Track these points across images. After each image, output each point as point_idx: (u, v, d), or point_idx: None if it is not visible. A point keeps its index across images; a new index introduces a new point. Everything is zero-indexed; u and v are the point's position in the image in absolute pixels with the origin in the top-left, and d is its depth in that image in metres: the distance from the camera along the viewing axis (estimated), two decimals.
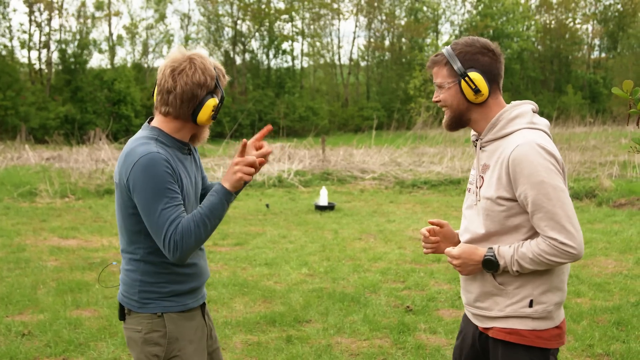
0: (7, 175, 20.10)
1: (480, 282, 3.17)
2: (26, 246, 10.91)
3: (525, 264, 2.95)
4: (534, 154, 2.91)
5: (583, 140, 28.77)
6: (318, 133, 37.24)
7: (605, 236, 11.47)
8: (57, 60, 48.06)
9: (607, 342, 6.40)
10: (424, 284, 8.51)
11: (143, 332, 3.24)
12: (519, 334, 3.07)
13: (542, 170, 2.89)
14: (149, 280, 3.23)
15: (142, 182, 3.05)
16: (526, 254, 2.93)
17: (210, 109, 3.19)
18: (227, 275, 9.01)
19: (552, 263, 2.93)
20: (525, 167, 2.90)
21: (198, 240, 3.08)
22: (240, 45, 56.09)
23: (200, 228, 3.06)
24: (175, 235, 3.02)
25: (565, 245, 2.87)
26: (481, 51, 3.11)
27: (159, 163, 3.05)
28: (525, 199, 2.93)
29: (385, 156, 24.20)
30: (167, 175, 3.06)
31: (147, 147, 3.09)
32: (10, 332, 6.72)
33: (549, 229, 2.89)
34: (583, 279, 8.72)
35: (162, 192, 3.04)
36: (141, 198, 3.06)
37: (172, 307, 3.26)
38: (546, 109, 55.36)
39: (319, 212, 14.66)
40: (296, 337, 6.57)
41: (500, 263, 3.00)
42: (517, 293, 3.07)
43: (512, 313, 3.07)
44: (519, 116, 3.08)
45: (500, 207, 3.02)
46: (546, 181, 2.89)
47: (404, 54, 59.65)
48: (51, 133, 35.03)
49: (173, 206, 3.06)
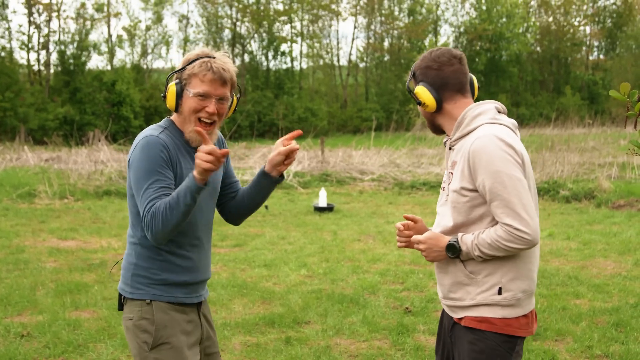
0: (6, 176, 20.10)
1: (452, 273, 3.27)
2: (25, 247, 10.91)
3: (485, 249, 3.07)
4: (491, 145, 3.05)
5: (582, 142, 28.77)
6: (317, 134, 37.21)
7: (604, 237, 11.47)
8: (56, 61, 48.05)
9: (606, 343, 6.41)
10: (423, 285, 8.51)
11: (134, 319, 3.30)
12: (488, 321, 3.17)
13: (498, 160, 3.02)
14: (143, 264, 3.30)
15: (136, 161, 3.18)
16: (485, 239, 3.06)
17: (172, 94, 3.27)
18: (226, 277, 9.01)
19: (508, 249, 3.04)
20: (483, 158, 3.04)
21: (165, 222, 3.08)
22: (239, 47, 56.08)
23: (167, 211, 3.07)
24: (147, 215, 3.10)
25: (519, 231, 2.99)
26: (428, 65, 3.32)
27: (155, 145, 3.17)
28: (483, 188, 3.06)
29: (384, 157, 24.20)
30: (160, 159, 3.16)
31: (150, 131, 3.26)
32: (9, 334, 6.72)
33: (504, 215, 3.01)
34: (582, 280, 8.73)
35: (152, 172, 3.14)
36: (133, 175, 3.19)
37: (161, 296, 3.31)
38: (545, 110, 55.46)
39: (318, 213, 14.66)
40: (295, 339, 6.57)
41: (463, 248, 3.11)
42: (486, 281, 3.16)
43: (482, 301, 3.17)
44: (482, 113, 3.23)
45: (464, 198, 3.15)
46: (502, 170, 3.01)
47: (402, 55, 59.66)
48: (50, 134, 35.01)
49: (157, 187, 3.13)
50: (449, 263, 3.26)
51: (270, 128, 49.80)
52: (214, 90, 3.25)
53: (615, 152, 26.03)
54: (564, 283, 8.60)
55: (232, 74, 3.31)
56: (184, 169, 3.27)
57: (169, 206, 3.07)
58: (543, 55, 65.07)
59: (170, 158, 3.20)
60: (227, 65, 3.29)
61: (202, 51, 3.32)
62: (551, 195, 16.60)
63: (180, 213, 3.09)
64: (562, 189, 16.68)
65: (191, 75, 3.24)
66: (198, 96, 3.23)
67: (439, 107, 3.28)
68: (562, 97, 59.85)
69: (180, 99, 3.27)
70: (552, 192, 16.70)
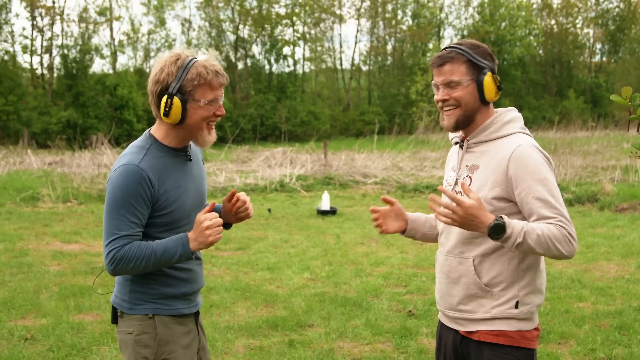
0: (10, 180, 20.12)
1: (464, 285, 3.18)
2: (29, 251, 10.93)
3: (530, 240, 2.87)
4: (535, 153, 3.01)
5: (585, 145, 28.76)
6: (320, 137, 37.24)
7: (607, 240, 11.47)
8: (59, 65, 48.10)
9: (609, 346, 6.41)
10: (426, 289, 8.52)
11: (134, 334, 3.24)
12: (506, 335, 3.10)
13: (544, 169, 2.99)
14: (139, 280, 3.24)
15: (111, 187, 3.11)
16: (535, 229, 2.88)
17: (178, 108, 3.13)
18: (229, 280, 9.02)
19: (553, 248, 2.89)
20: (529, 165, 2.97)
21: (134, 270, 3.11)
22: (242, 50, 56.12)
23: (142, 262, 3.08)
24: (117, 253, 3.06)
25: (572, 237, 2.92)
26: (489, 53, 3.17)
27: (134, 177, 3.08)
28: (526, 196, 2.97)
29: (387, 161, 24.20)
30: (137, 193, 3.08)
31: (130, 157, 3.13)
32: (13, 337, 6.74)
33: (557, 220, 2.93)
34: (585, 283, 8.72)
35: (126, 204, 3.08)
36: (106, 200, 3.14)
37: (163, 310, 3.26)
38: (548, 113, 55.30)
39: (321, 216, 14.67)
40: (298, 342, 6.57)
41: (507, 231, 2.86)
42: (502, 294, 3.10)
43: (498, 314, 3.11)
44: (513, 120, 3.16)
45: (492, 207, 3.04)
46: (549, 179, 2.99)
47: (405, 59, 59.67)
48: (53, 138, 35.04)
49: (129, 222, 3.08)
50: (461, 274, 3.17)
51: (273, 131, 49.83)
52: (219, 93, 3.21)
53: (618, 155, 26.00)
54: (567, 286, 8.59)
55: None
56: (174, 180, 3.22)
57: (146, 259, 3.07)
58: (546, 59, 65.01)
59: (151, 186, 3.11)
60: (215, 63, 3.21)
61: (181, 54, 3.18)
62: None
63: (153, 267, 3.12)
64: (565, 192, 16.67)
65: (197, 85, 3.12)
66: (210, 103, 3.17)
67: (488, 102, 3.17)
68: (565, 100, 59.77)
69: (186, 110, 3.15)
70: None
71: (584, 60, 67.42)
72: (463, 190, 2.98)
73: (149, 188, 3.11)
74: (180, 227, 3.26)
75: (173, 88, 3.11)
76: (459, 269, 3.19)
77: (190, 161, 3.34)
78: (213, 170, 21.59)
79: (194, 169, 3.37)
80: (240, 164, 25.11)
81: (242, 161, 26.15)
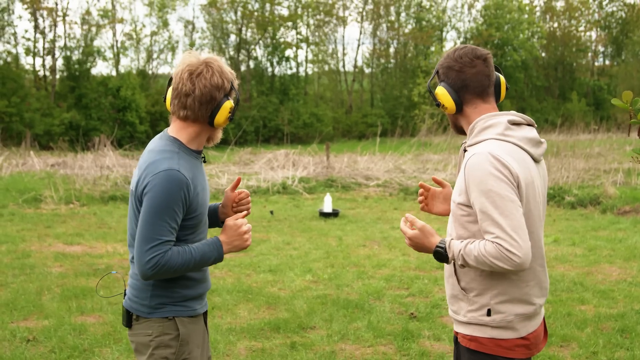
0: (12, 181, 20.14)
1: (450, 285, 3.24)
2: (31, 252, 10.94)
3: (470, 261, 2.97)
4: (485, 163, 2.96)
5: (587, 148, 28.74)
6: (322, 140, 37.19)
7: (609, 243, 11.46)
8: (62, 67, 48.14)
9: (611, 349, 6.40)
10: (428, 291, 8.52)
11: (154, 335, 3.26)
12: (478, 341, 3.11)
13: (491, 179, 2.94)
14: (163, 285, 3.27)
15: (156, 192, 3.10)
16: (472, 251, 2.96)
17: (227, 111, 3.25)
18: (231, 282, 9.02)
19: (494, 266, 2.92)
20: (476, 176, 2.97)
21: (171, 274, 3.16)
22: (245, 52, 56.14)
23: (183, 267, 3.15)
24: (161, 258, 3.09)
25: (509, 252, 2.88)
26: (450, 64, 3.21)
27: (178, 184, 3.13)
28: (474, 206, 3.00)
29: (389, 163, 24.21)
30: (179, 199, 3.13)
31: (170, 163, 3.16)
32: (15, 338, 6.75)
33: (494, 236, 2.91)
34: (587, 286, 8.72)
35: (169, 210, 3.11)
36: (148, 205, 3.11)
37: (183, 312, 3.31)
38: (550, 115, 55.28)
39: (323, 218, 14.67)
40: (300, 344, 6.58)
41: (449, 255, 3.06)
42: (475, 301, 3.12)
43: (472, 320, 3.13)
44: (491, 126, 3.13)
45: (462, 212, 3.10)
46: (493, 190, 2.93)
47: (408, 61, 59.64)
48: (56, 139, 35.05)
49: (170, 228, 3.12)
50: (449, 274, 3.23)
51: (275, 133, 49.82)
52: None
53: (620, 158, 25.98)
54: (569, 289, 8.59)
55: None
56: (200, 183, 3.29)
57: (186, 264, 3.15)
58: (548, 61, 64.96)
59: (188, 192, 3.17)
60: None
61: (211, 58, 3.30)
62: (556, 201, 16.59)
63: (190, 271, 3.22)
64: (567, 195, 16.67)
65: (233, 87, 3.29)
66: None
67: (459, 109, 3.22)
68: (567, 103, 59.73)
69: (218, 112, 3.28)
70: (557, 198, 16.69)
71: (587, 63, 67.36)
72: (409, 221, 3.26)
73: (188, 193, 3.17)
74: (201, 228, 3.35)
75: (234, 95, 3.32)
76: (447, 268, 3.27)
77: (204, 162, 3.45)
78: (215, 172, 21.60)
79: (204, 169, 3.46)
80: (242, 166, 25.12)
81: (244, 163, 26.16)
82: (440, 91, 3.20)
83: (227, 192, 3.56)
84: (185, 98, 3.21)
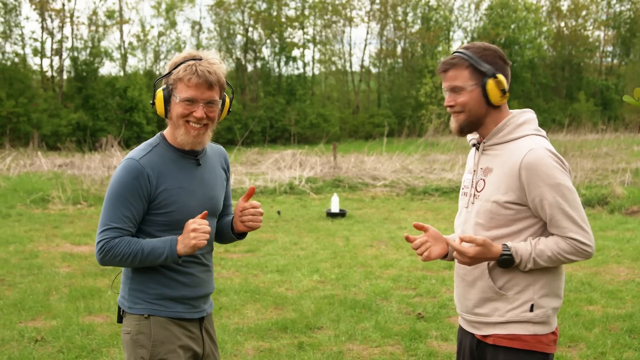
0: (20, 182, 20.18)
1: (479, 288, 3.17)
2: (39, 252, 10.96)
3: (542, 262, 3.00)
4: (548, 158, 2.97)
5: (595, 148, 28.68)
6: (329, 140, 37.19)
7: (617, 243, 11.43)
8: (69, 67, 48.25)
9: (619, 349, 6.38)
10: (436, 291, 8.51)
11: (132, 333, 3.25)
12: (520, 339, 3.09)
13: (557, 173, 2.96)
14: (139, 279, 3.26)
15: (112, 179, 3.17)
16: (544, 251, 2.98)
17: (160, 101, 3.19)
18: (238, 282, 9.03)
19: (569, 261, 3.01)
20: (540, 171, 2.95)
21: (121, 263, 3.16)
22: (252, 53, 56.19)
23: (129, 257, 3.13)
24: (106, 244, 3.11)
25: (584, 245, 2.97)
26: (499, 55, 3.14)
27: (132, 172, 3.13)
28: (540, 202, 2.97)
29: (396, 163, 24.19)
30: (133, 188, 3.12)
31: (134, 153, 3.19)
32: (24, 338, 6.76)
33: (568, 230, 2.96)
34: (595, 286, 8.70)
35: (121, 198, 3.12)
36: (106, 193, 3.18)
37: (160, 311, 3.26)
38: (558, 115, 55.23)
39: (330, 219, 14.67)
40: (308, 344, 6.57)
41: (516, 261, 3.01)
42: (517, 298, 3.09)
43: (513, 318, 3.09)
44: (527, 122, 3.13)
45: (508, 211, 3.05)
46: (562, 183, 2.96)
47: (415, 61, 59.61)
48: (63, 140, 35.12)
49: (122, 216, 3.13)
50: (476, 278, 3.17)
51: (282, 134, 49.87)
52: (201, 95, 3.13)
53: (628, 158, 25.93)
54: (577, 289, 8.57)
55: (218, 76, 3.16)
56: (176, 181, 3.23)
57: (133, 255, 3.12)
58: (555, 61, 64.83)
59: (149, 183, 3.13)
60: (213, 67, 3.14)
61: (189, 53, 3.18)
62: None
63: (140, 263, 3.17)
64: None
65: (177, 80, 3.13)
66: (185, 101, 3.13)
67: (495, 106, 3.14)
68: (575, 102, 59.64)
69: (169, 104, 3.18)
70: None
71: (595, 63, 67.21)
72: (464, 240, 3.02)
73: (145, 184, 3.14)
74: (178, 229, 3.25)
75: (161, 81, 3.21)
76: (474, 273, 3.18)
77: (199, 166, 3.32)
78: None
79: (206, 174, 3.36)
80: (249, 166, 25.14)
81: (251, 163, 26.18)
82: (502, 78, 3.07)
83: (239, 202, 3.46)
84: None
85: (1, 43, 46.44)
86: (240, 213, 3.42)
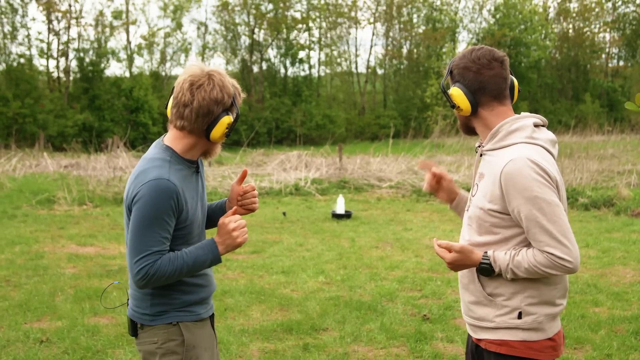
0: (26, 182, 20.23)
1: (472, 292, 3.19)
2: (44, 253, 10.97)
3: (520, 273, 2.98)
4: (526, 169, 2.92)
5: (601, 149, 28.64)
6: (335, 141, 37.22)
7: (623, 245, 11.40)
8: (75, 68, 48.31)
9: (625, 351, 6.37)
10: (441, 293, 8.50)
11: (160, 342, 3.25)
12: (508, 345, 3.08)
13: (535, 186, 2.91)
14: (160, 292, 3.25)
15: (144, 202, 3.05)
16: (522, 263, 2.96)
17: (224, 127, 3.19)
18: (244, 283, 9.03)
19: (547, 275, 2.97)
20: (518, 182, 2.92)
21: (167, 281, 3.13)
22: (257, 54, 56.21)
23: (175, 274, 3.12)
24: (150, 268, 3.05)
25: (562, 259, 2.90)
26: (467, 65, 3.15)
27: (167, 192, 3.07)
28: (518, 214, 2.95)
29: (402, 164, 24.17)
30: (169, 208, 3.08)
31: (160, 172, 3.10)
32: (29, 339, 6.77)
33: (544, 244, 2.91)
34: (601, 288, 8.68)
35: (158, 220, 3.06)
36: (137, 215, 3.07)
37: (186, 317, 3.29)
38: (564, 117, 55.12)
39: (336, 220, 14.66)
40: (313, 345, 6.57)
41: (495, 270, 3.03)
42: (505, 304, 3.08)
43: (501, 324, 3.09)
44: (519, 130, 3.09)
45: (494, 219, 3.06)
46: (539, 196, 2.90)
47: (421, 62, 59.57)
48: (69, 141, 35.18)
49: (160, 238, 3.08)
50: (469, 281, 3.19)
51: (288, 135, 49.86)
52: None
53: (634, 160, 25.87)
54: (582, 291, 8.55)
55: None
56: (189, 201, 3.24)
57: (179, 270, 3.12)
58: (562, 62, 64.74)
59: (178, 202, 3.12)
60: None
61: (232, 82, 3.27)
62: (570, 203, 16.51)
63: (186, 275, 3.18)
64: (581, 197, 16.59)
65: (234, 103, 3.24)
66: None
67: (474, 110, 3.16)
68: (581, 104, 59.54)
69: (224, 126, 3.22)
70: (570, 200, 16.61)
71: (601, 65, 67.09)
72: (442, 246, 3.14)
73: (179, 202, 3.13)
74: (193, 239, 3.29)
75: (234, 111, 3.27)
76: (467, 275, 3.21)
77: (197, 173, 3.37)
78: (228, 174, 21.64)
79: (199, 182, 3.40)
80: (255, 167, 25.15)
81: (257, 164, 26.19)
82: (456, 92, 3.15)
83: (232, 186, 3.52)
84: (183, 108, 3.15)
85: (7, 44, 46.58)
86: (240, 197, 3.52)
